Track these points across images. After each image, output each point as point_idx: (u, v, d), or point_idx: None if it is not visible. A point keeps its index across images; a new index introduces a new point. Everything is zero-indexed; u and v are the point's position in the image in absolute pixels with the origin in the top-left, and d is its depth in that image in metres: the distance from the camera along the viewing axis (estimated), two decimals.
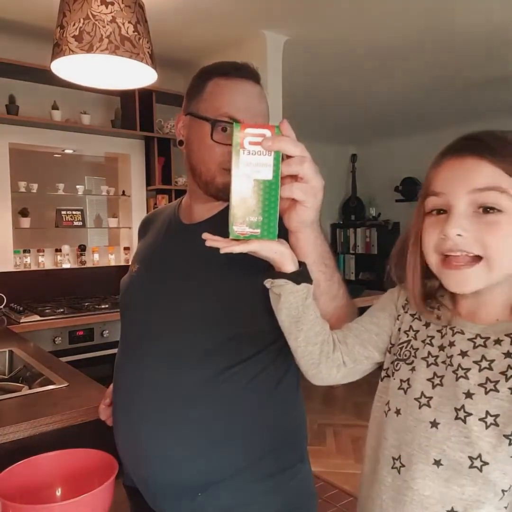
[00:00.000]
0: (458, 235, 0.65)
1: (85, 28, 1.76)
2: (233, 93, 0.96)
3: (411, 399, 0.75)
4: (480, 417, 0.67)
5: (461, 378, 0.70)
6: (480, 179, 0.65)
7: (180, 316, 0.94)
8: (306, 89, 4.05)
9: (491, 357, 0.69)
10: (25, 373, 1.77)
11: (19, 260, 3.23)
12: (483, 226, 0.65)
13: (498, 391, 0.67)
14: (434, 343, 0.76)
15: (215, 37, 3.06)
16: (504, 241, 0.65)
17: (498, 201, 0.64)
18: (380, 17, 2.77)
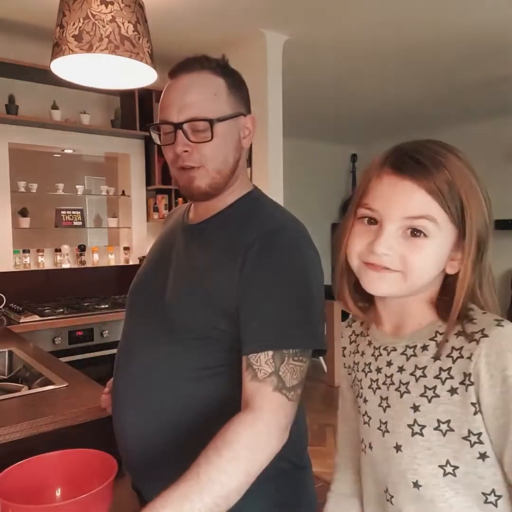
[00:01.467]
0: (385, 254, 0.69)
1: (85, 27, 1.76)
2: (165, 93, 0.97)
3: (375, 429, 0.77)
4: (434, 426, 0.68)
5: (405, 393, 0.72)
6: (416, 208, 0.68)
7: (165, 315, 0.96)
8: (306, 89, 4.05)
9: (422, 364, 0.71)
10: (24, 373, 1.77)
11: (19, 260, 3.23)
12: (408, 247, 0.68)
13: (439, 396, 0.68)
14: (371, 368, 0.79)
15: (215, 37, 3.06)
16: (424, 262, 0.69)
17: (427, 227, 0.68)
18: (380, 17, 2.77)
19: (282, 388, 0.83)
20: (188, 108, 0.92)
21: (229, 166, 0.96)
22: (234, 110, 0.96)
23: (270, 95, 3.02)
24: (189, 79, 0.93)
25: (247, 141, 1.00)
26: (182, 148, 0.92)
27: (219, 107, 0.93)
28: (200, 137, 0.92)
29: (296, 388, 0.84)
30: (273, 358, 0.84)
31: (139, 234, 3.71)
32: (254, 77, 3.04)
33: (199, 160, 0.93)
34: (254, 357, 0.85)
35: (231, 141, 0.96)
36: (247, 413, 0.82)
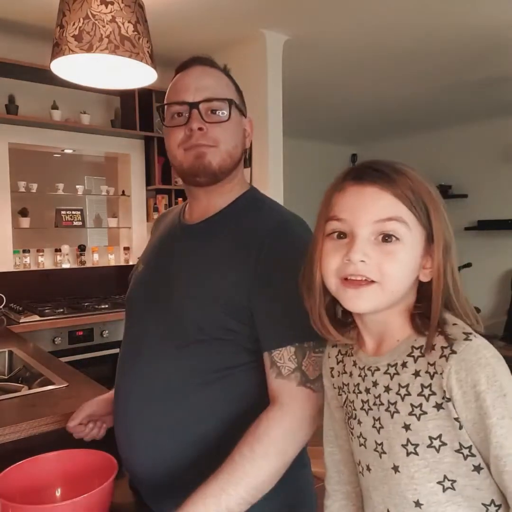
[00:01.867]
0: (362, 261, 0.68)
1: (85, 27, 1.76)
2: (177, 81, 0.99)
3: (371, 451, 0.75)
4: (427, 444, 0.68)
5: (395, 413, 0.71)
6: (384, 210, 0.68)
7: (174, 317, 0.95)
8: (306, 89, 4.05)
9: (405, 382, 0.70)
10: (24, 373, 1.77)
11: (19, 260, 3.23)
12: (382, 254, 0.68)
13: (427, 413, 0.67)
14: (361, 389, 0.78)
15: (215, 37, 3.06)
16: (399, 269, 0.69)
17: (397, 230, 0.68)
18: (380, 17, 2.77)
19: (306, 382, 0.87)
20: (205, 89, 0.94)
21: (237, 154, 0.98)
22: (240, 105, 1.00)
23: (270, 95, 3.02)
24: (203, 69, 0.97)
25: (247, 142, 1.02)
26: (197, 125, 0.93)
27: (232, 94, 0.98)
28: (215, 118, 0.95)
29: (319, 378, 0.88)
30: (295, 353, 0.87)
31: (139, 234, 3.71)
32: (254, 77, 3.04)
33: (213, 139, 0.94)
34: (277, 354, 0.88)
35: (239, 131, 0.99)
36: (276, 409, 0.86)
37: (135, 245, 3.69)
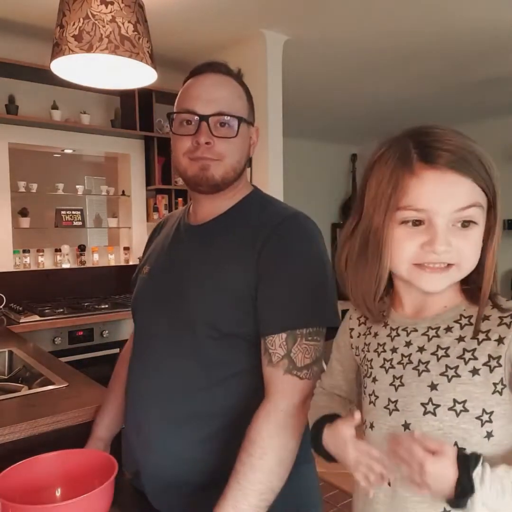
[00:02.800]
0: (445, 251, 0.69)
1: (85, 27, 1.76)
2: (190, 86, 0.99)
3: (381, 408, 0.76)
4: (449, 406, 0.69)
5: (423, 372, 0.73)
6: (464, 198, 0.68)
7: (188, 314, 0.95)
8: (306, 88, 4.05)
9: (445, 344, 0.72)
10: (24, 373, 1.77)
11: (19, 260, 3.23)
12: (461, 239, 0.69)
13: (460, 376, 0.69)
14: (386, 348, 0.79)
15: (215, 37, 3.06)
16: (474, 249, 0.70)
17: (475, 215, 0.69)
18: (381, 17, 2.77)
19: (293, 369, 0.88)
20: (217, 102, 0.95)
21: (241, 167, 1.00)
22: (249, 118, 1.01)
23: (270, 95, 3.02)
24: (217, 77, 0.98)
25: (252, 150, 1.05)
26: (206, 139, 0.94)
27: (242, 109, 0.99)
28: (223, 132, 0.95)
29: (309, 366, 0.89)
30: (286, 340, 0.88)
31: (139, 234, 3.71)
32: (254, 77, 3.04)
33: (218, 154, 0.96)
34: (270, 341, 0.89)
35: (245, 144, 1.01)
36: (264, 403, 0.88)
37: (135, 245, 3.69)
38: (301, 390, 0.89)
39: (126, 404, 1.06)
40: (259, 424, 0.85)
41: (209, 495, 0.88)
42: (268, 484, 0.83)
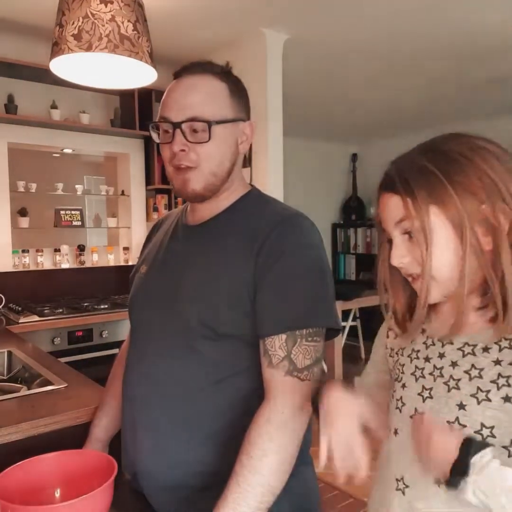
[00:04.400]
0: (401, 263, 0.74)
1: (84, 27, 1.75)
2: (167, 92, 0.98)
3: (407, 417, 0.75)
4: (475, 429, 0.67)
5: (453, 389, 0.71)
6: (393, 214, 0.73)
7: (183, 315, 0.95)
8: (306, 88, 4.05)
9: (480, 365, 0.69)
10: (24, 373, 1.76)
11: (18, 260, 3.22)
12: (413, 247, 0.72)
13: (491, 401, 0.67)
14: (419, 355, 0.78)
15: (215, 36, 3.06)
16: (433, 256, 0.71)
17: (411, 227, 0.71)
18: (380, 17, 2.77)
19: (294, 371, 0.87)
20: (188, 108, 0.93)
21: (225, 169, 0.97)
22: (233, 115, 0.97)
23: (270, 95, 3.02)
24: (192, 80, 0.95)
25: (244, 147, 1.01)
26: (179, 147, 0.93)
27: (219, 110, 0.95)
28: (197, 137, 0.93)
29: (310, 367, 0.88)
30: (286, 341, 0.87)
31: (139, 234, 3.70)
32: (254, 77, 3.04)
33: (195, 160, 0.94)
34: (270, 342, 0.88)
35: (228, 144, 0.97)
36: (264, 405, 0.87)
37: (134, 245, 3.69)
38: (301, 392, 0.88)
39: (122, 405, 1.06)
40: (260, 426, 0.85)
41: (207, 496, 0.87)
42: (268, 487, 0.82)
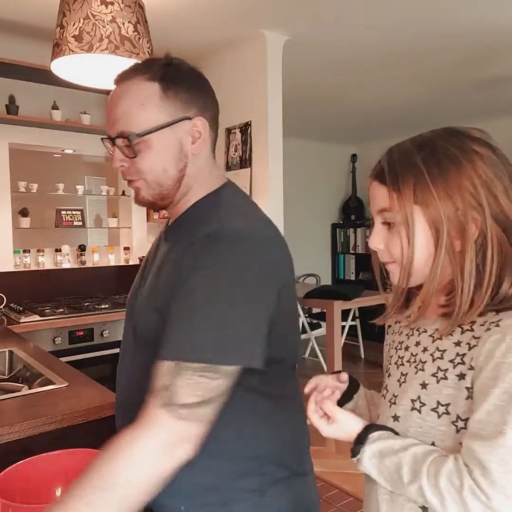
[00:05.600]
0: (377, 248, 0.78)
1: (85, 28, 1.76)
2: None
3: (387, 402, 0.81)
4: (432, 407, 0.72)
5: (419, 371, 0.76)
6: (377, 202, 0.78)
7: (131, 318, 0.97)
8: (306, 89, 4.05)
9: (443, 347, 0.74)
10: (25, 373, 1.77)
11: (19, 260, 3.23)
12: (389, 237, 0.77)
13: (447, 379, 0.71)
14: (402, 346, 0.83)
15: (215, 37, 3.06)
16: (406, 248, 0.74)
17: (393, 218, 0.75)
18: (380, 17, 2.77)
19: (171, 404, 0.75)
20: (116, 122, 0.88)
21: (170, 177, 0.90)
22: (169, 117, 0.88)
23: (270, 95, 3.02)
24: (120, 89, 0.91)
25: (198, 146, 0.91)
26: (117, 163, 0.90)
27: (147, 117, 0.87)
28: (131, 152, 0.88)
29: (193, 406, 0.76)
30: (175, 369, 0.76)
31: (139, 234, 3.71)
32: (254, 77, 3.04)
33: (137, 173, 0.90)
34: (161, 365, 0.78)
35: (169, 150, 0.89)
36: (132, 428, 0.77)
37: (135, 245, 3.69)
38: (172, 431, 0.76)
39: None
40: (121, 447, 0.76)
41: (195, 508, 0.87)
42: None
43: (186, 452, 0.77)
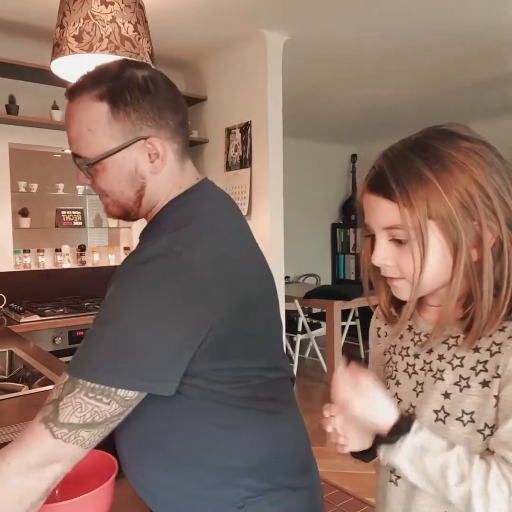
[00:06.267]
0: (383, 264, 0.74)
1: (85, 28, 1.76)
2: None
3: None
4: (457, 416, 0.70)
5: (438, 380, 0.74)
6: (384, 219, 0.71)
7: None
8: (306, 89, 4.05)
9: (461, 354, 0.72)
10: (25, 373, 1.77)
11: (19, 260, 3.23)
12: (400, 253, 0.72)
13: (470, 387, 0.70)
14: (409, 352, 0.80)
15: (215, 37, 3.06)
16: (419, 266, 0.70)
17: (404, 235, 0.70)
18: (381, 17, 2.77)
19: (51, 421, 0.71)
20: (71, 143, 0.86)
21: (129, 198, 0.89)
22: (122, 139, 0.83)
23: (270, 95, 3.02)
24: (70, 110, 0.86)
25: (156, 166, 0.86)
26: (80, 180, 0.90)
27: (97, 143, 0.83)
28: (87, 174, 0.88)
29: (74, 427, 0.71)
30: (69, 384, 0.73)
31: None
32: (254, 77, 3.04)
33: (100, 191, 0.90)
34: (61, 377, 0.75)
35: (122, 173, 0.86)
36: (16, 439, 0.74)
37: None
38: (46, 452, 0.71)
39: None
40: None
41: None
42: None
43: (54, 474, 0.74)
